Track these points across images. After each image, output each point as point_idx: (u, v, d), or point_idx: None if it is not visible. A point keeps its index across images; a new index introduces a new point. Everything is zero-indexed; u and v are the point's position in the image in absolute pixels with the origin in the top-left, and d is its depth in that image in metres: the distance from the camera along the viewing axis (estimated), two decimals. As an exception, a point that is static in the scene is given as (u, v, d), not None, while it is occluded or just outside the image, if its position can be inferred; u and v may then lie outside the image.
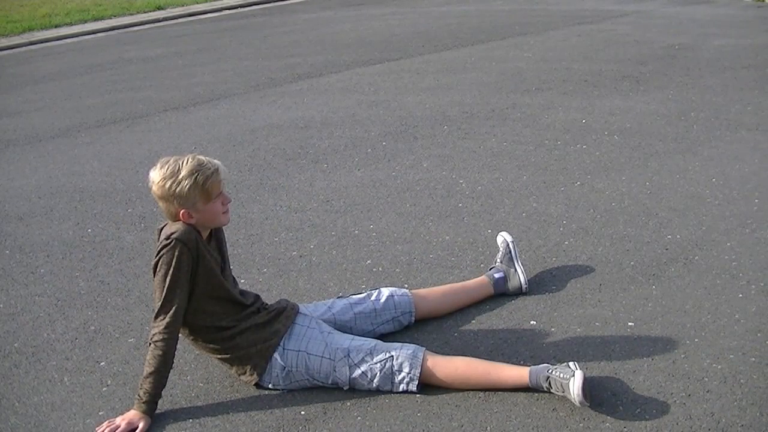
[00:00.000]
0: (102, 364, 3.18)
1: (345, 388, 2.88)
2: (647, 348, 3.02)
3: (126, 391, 2.98)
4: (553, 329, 3.18)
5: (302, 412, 2.79)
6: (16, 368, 3.18)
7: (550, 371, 2.74)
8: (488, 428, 2.65)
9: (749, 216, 4.08)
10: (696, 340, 3.05)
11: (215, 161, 2.87)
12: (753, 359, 2.91)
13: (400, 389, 2.84)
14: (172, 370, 2.80)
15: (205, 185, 2.80)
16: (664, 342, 3.05)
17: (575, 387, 2.65)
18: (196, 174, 2.79)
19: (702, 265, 3.62)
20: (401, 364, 2.84)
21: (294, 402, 2.85)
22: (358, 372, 2.85)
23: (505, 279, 3.44)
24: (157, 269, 2.78)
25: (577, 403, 2.66)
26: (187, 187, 2.77)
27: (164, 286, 2.76)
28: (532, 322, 3.23)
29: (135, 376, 3.04)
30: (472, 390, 2.82)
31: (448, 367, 2.85)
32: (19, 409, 2.92)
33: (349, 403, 2.82)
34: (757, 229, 3.94)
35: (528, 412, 2.71)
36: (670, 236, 3.92)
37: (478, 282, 3.43)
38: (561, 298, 3.41)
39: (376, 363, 2.85)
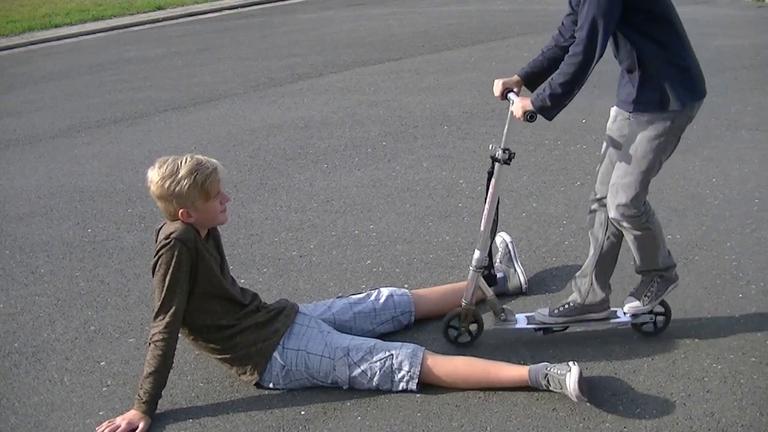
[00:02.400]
0: (102, 364, 3.18)
1: (344, 387, 2.88)
2: (647, 348, 3.02)
3: (126, 391, 2.98)
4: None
5: (302, 412, 2.79)
6: (16, 368, 3.18)
7: (548, 369, 2.75)
8: (488, 428, 2.65)
9: (749, 216, 4.08)
10: (696, 340, 3.05)
11: (213, 160, 2.87)
12: (753, 359, 2.91)
13: (400, 388, 2.84)
14: (172, 370, 2.80)
15: (204, 184, 2.80)
16: (664, 342, 3.05)
17: (571, 381, 2.66)
18: (195, 173, 2.79)
19: (702, 265, 3.62)
20: (401, 363, 2.84)
21: (294, 402, 2.85)
22: (357, 371, 2.85)
23: (505, 279, 3.44)
24: (156, 269, 2.78)
25: (574, 398, 2.67)
26: (187, 186, 2.77)
27: (164, 286, 2.76)
28: (532, 322, 3.23)
29: (135, 376, 3.04)
30: (472, 389, 2.82)
31: (448, 366, 2.85)
32: (19, 409, 2.92)
33: (349, 403, 2.82)
34: (757, 229, 3.94)
35: (528, 412, 2.71)
36: (670, 236, 3.92)
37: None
38: (561, 298, 3.41)
39: (375, 362, 2.85)
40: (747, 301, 3.30)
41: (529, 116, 2.73)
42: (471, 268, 3.04)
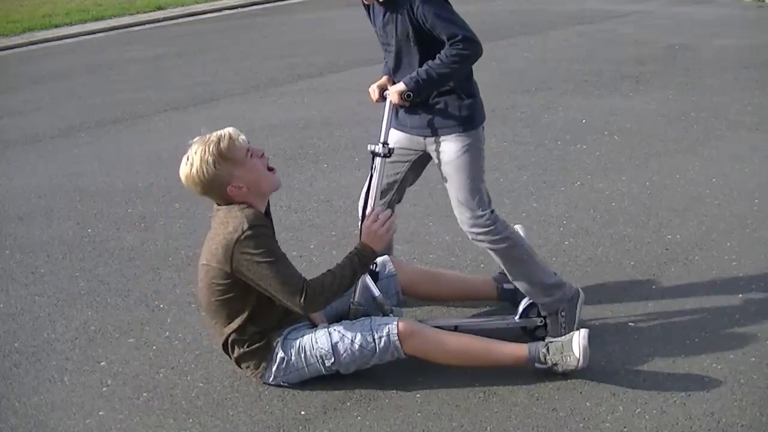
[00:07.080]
0: (102, 364, 3.17)
1: (330, 364, 2.83)
2: (647, 348, 3.02)
3: (126, 391, 2.97)
4: (553, 329, 3.17)
5: (302, 412, 2.79)
6: (16, 368, 3.18)
7: (550, 340, 2.83)
8: (488, 428, 2.66)
9: (749, 216, 4.08)
10: (696, 340, 3.06)
11: (221, 131, 2.82)
12: (753, 359, 2.91)
13: (382, 343, 2.78)
14: (172, 369, 2.78)
15: (227, 151, 2.76)
16: (664, 342, 3.05)
17: (580, 338, 2.74)
18: (210, 147, 2.75)
19: (702, 265, 3.62)
20: (380, 320, 2.85)
21: (294, 402, 2.85)
22: (337, 336, 2.83)
23: (515, 293, 3.25)
24: (253, 264, 2.72)
25: (578, 353, 2.72)
26: (213, 163, 2.74)
27: (273, 269, 2.73)
28: (532, 322, 3.22)
29: (135, 376, 3.04)
30: (466, 366, 2.86)
31: (438, 334, 2.87)
32: (19, 409, 2.92)
33: (349, 403, 2.82)
34: (757, 229, 3.95)
35: (528, 412, 2.71)
36: (670, 236, 3.92)
37: (481, 281, 3.36)
38: (561, 298, 3.41)
39: (355, 324, 2.86)
40: (747, 301, 3.31)
41: (407, 95, 2.93)
42: None
